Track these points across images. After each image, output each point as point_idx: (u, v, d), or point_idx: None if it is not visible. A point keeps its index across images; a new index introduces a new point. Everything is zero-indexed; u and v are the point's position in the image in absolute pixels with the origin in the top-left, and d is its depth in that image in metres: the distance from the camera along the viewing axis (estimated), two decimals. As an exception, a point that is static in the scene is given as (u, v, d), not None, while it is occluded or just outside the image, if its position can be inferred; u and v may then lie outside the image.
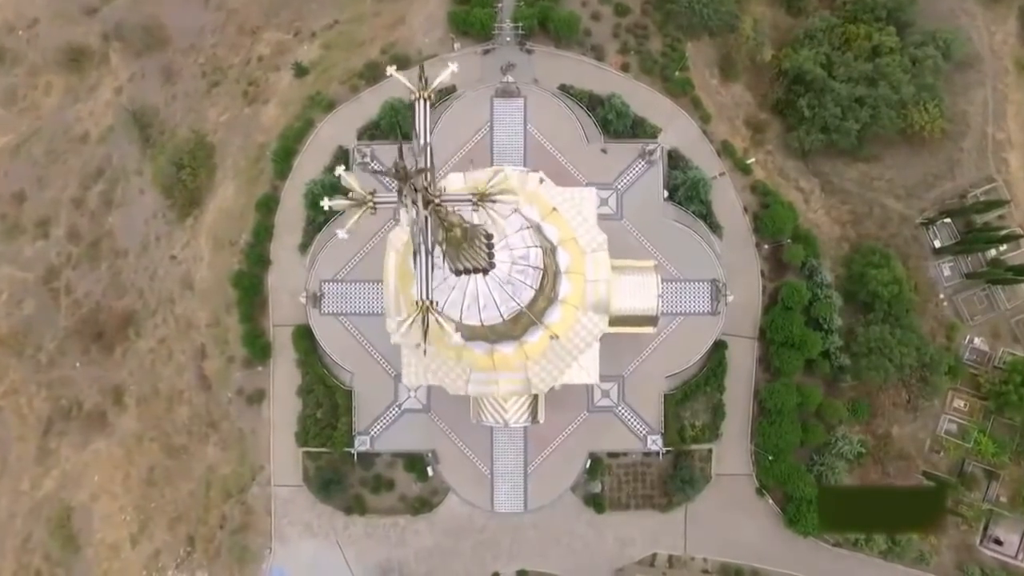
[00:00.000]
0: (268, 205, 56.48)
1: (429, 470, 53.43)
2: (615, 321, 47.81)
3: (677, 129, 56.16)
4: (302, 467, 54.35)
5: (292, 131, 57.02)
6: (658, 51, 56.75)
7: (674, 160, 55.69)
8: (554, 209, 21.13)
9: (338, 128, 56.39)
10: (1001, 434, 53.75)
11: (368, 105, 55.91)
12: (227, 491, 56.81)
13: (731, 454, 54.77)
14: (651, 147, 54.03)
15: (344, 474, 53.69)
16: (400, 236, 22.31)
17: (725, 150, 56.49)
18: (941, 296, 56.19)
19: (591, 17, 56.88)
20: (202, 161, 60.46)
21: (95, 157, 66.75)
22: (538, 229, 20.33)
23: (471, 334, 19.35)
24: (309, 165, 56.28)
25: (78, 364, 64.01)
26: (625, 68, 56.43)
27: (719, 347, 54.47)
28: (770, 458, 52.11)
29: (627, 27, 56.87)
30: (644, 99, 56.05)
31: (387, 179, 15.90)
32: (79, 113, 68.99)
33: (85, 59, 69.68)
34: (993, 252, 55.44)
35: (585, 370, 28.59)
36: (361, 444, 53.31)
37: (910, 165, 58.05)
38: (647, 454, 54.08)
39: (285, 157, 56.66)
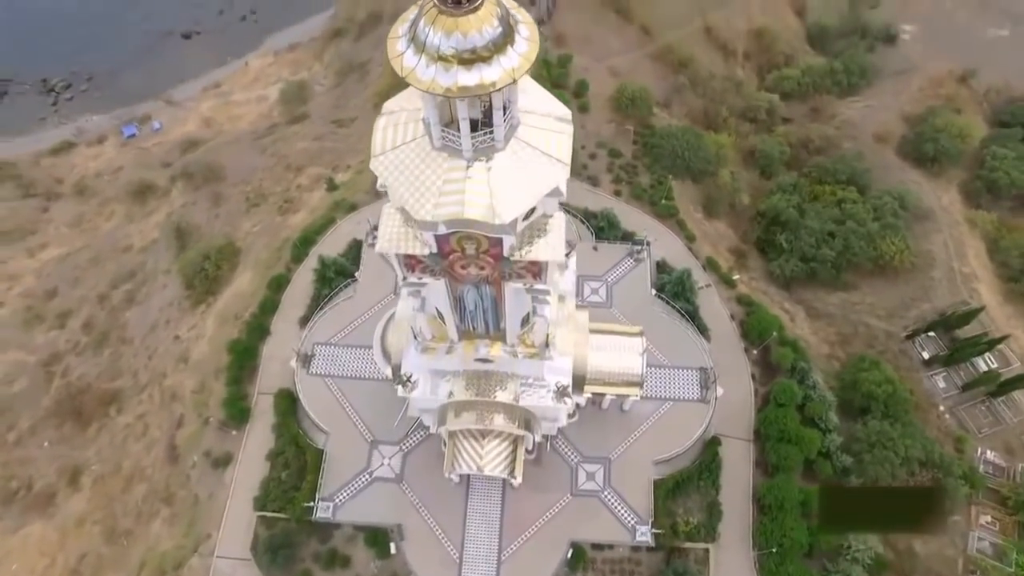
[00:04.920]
0: (279, 283, 59.84)
1: (392, 547, 47.62)
2: (602, 381, 47.56)
3: (664, 244, 61.02)
4: (253, 534, 48.78)
5: (315, 227, 63.07)
6: (647, 184, 64.64)
7: (661, 267, 59.61)
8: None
9: (356, 225, 62.17)
10: (1041, 554, 47.65)
11: (387, 206, 62.42)
12: (162, 568, 50.24)
13: (732, 562, 48.38)
14: (638, 247, 58.47)
15: (297, 544, 47.92)
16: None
17: (710, 264, 60.53)
18: (941, 408, 54.57)
19: (589, 157, 66.21)
20: (227, 256, 65.69)
21: (131, 262, 72.76)
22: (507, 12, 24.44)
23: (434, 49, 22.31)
24: (324, 251, 60.91)
25: (47, 443, 61.91)
26: (617, 194, 63.76)
27: (712, 443, 51.89)
28: (773, 550, 46.01)
29: (620, 165, 65.75)
30: (634, 219, 62.07)
31: None
32: (129, 231, 77.12)
33: (150, 192, 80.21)
34: (984, 366, 55.27)
35: (551, 246, 29.63)
36: (323, 510, 48.59)
37: (887, 291, 61.18)
38: (635, 548, 48.10)
39: (304, 245, 61.75)
